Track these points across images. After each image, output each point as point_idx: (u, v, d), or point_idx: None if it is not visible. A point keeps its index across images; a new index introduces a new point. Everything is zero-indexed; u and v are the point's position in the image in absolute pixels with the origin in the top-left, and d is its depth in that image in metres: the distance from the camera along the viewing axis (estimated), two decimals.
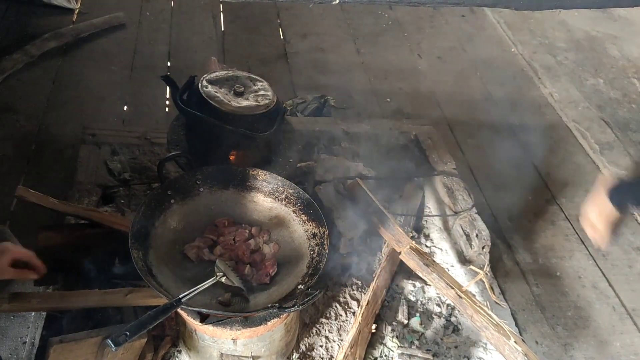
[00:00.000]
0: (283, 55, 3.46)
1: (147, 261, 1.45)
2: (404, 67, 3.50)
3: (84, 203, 2.04)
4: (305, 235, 1.62)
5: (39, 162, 2.49)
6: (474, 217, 2.23)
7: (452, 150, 2.76)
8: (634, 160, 3.05)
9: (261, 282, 1.51)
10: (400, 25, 3.95)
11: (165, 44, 3.39)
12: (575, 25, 4.25)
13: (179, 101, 1.77)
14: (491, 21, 4.18)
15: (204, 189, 1.69)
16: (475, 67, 3.65)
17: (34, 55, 3.03)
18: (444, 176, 2.40)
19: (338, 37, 3.73)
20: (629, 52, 4.00)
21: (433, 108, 3.23)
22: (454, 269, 2.13)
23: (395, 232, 2.00)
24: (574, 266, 2.44)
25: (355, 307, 1.97)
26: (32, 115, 2.73)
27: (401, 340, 1.88)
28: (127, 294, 1.60)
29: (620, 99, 3.54)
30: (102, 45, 3.30)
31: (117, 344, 1.22)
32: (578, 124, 3.27)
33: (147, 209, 1.54)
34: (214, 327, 1.48)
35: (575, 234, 2.59)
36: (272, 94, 1.84)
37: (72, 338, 1.47)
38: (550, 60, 3.81)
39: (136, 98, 2.96)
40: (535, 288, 2.32)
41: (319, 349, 1.84)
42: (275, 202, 1.71)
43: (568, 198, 2.77)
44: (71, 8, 3.49)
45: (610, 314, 2.27)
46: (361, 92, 3.20)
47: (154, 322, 1.28)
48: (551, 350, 2.10)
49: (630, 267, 2.48)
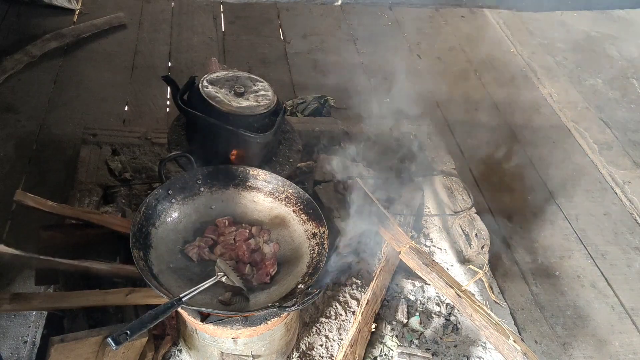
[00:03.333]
0: (283, 56, 3.47)
1: (147, 261, 1.46)
2: (403, 68, 3.50)
3: (84, 203, 2.04)
4: (305, 235, 1.63)
5: (40, 162, 2.50)
6: (473, 216, 2.23)
7: (452, 150, 2.77)
8: (633, 160, 3.06)
9: (261, 282, 1.52)
10: (400, 26, 3.96)
11: (166, 44, 3.40)
12: (575, 26, 4.26)
13: (180, 101, 1.78)
14: (491, 22, 4.19)
15: (204, 189, 1.70)
16: (474, 67, 3.66)
17: (35, 56, 3.04)
18: (444, 176, 2.41)
19: (338, 37, 3.74)
20: (628, 53, 4.01)
21: (433, 108, 3.24)
22: (453, 268, 2.14)
23: (394, 231, 2.00)
24: (573, 266, 2.45)
25: (355, 307, 1.97)
26: (33, 115, 2.73)
27: (401, 339, 1.89)
28: (127, 294, 1.61)
29: (619, 99, 3.55)
30: (103, 45, 3.31)
31: (118, 343, 1.23)
32: (577, 124, 3.28)
33: (147, 209, 1.55)
34: (215, 327, 1.48)
35: (574, 234, 2.59)
36: (272, 94, 1.84)
37: (73, 337, 1.47)
38: (549, 61, 3.82)
39: (137, 98, 2.97)
40: (534, 287, 2.33)
41: (319, 348, 1.84)
42: (276, 202, 1.71)
43: (567, 198, 2.78)
44: (72, 8, 3.50)
45: (609, 313, 2.28)
46: (361, 92, 3.20)
47: (155, 321, 1.29)
48: (550, 350, 2.10)
49: (629, 266, 2.49)
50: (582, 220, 2.67)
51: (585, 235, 2.60)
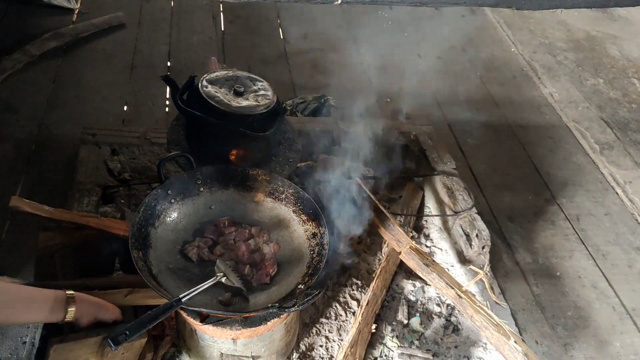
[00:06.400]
0: (283, 55, 3.46)
1: (147, 261, 1.45)
2: (404, 67, 3.50)
3: (83, 203, 2.03)
4: (305, 235, 1.62)
5: (39, 162, 2.49)
6: (474, 217, 2.22)
7: (452, 150, 2.76)
8: (634, 160, 3.05)
9: (261, 282, 1.51)
10: (400, 25, 3.95)
11: (165, 44, 3.39)
12: (575, 25, 4.25)
13: (179, 101, 1.77)
14: (491, 21, 4.19)
15: (204, 189, 1.69)
16: (475, 67, 3.65)
17: (34, 55, 3.04)
18: (444, 176, 2.40)
19: (338, 37, 3.73)
20: (629, 52, 4.01)
21: (433, 108, 3.23)
22: (453, 268, 2.13)
23: (395, 232, 2.00)
24: (574, 266, 2.44)
25: (355, 307, 1.97)
26: (32, 115, 2.73)
27: (401, 340, 1.88)
28: (126, 294, 1.60)
29: (620, 98, 3.54)
30: (102, 45, 3.30)
31: (117, 344, 1.23)
32: (578, 123, 3.27)
33: (147, 209, 1.54)
34: (214, 327, 1.48)
35: (575, 234, 2.59)
36: (272, 94, 1.84)
37: (72, 338, 1.46)
38: (550, 60, 3.81)
39: (136, 98, 2.96)
40: (535, 288, 2.32)
41: (319, 349, 1.84)
42: (275, 202, 1.71)
43: (568, 198, 2.77)
44: (71, 8, 3.49)
45: (610, 313, 2.27)
46: (361, 92, 3.20)
47: (154, 321, 1.28)
48: (551, 350, 2.10)
49: (630, 266, 2.48)
50: (583, 221, 2.67)
51: (586, 235, 2.59)
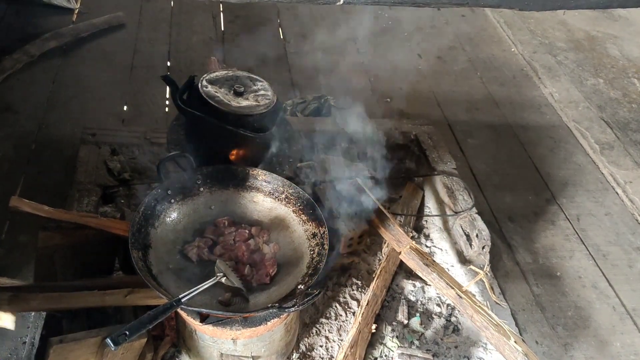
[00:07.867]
0: (283, 55, 3.46)
1: (147, 261, 1.45)
2: (404, 67, 3.49)
3: (83, 203, 2.03)
4: (305, 235, 1.62)
5: (38, 161, 2.49)
6: (474, 217, 2.22)
7: (452, 150, 2.76)
8: (634, 160, 3.05)
9: (261, 282, 1.51)
10: (400, 25, 3.95)
11: (165, 44, 3.39)
12: (576, 25, 4.25)
13: (179, 101, 1.77)
14: (491, 21, 4.18)
15: (203, 189, 1.69)
16: (475, 67, 3.65)
17: (33, 55, 3.03)
18: (444, 176, 2.40)
19: (338, 37, 3.72)
20: (629, 52, 4.00)
21: (433, 108, 3.23)
22: (454, 269, 2.13)
23: (395, 232, 2.00)
24: (574, 266, 2.44)
25: (355, 307, 1.97)
26: (32, 115, 2.72)
27: (401, 340, 1.88)
28: (126, 295, 1.60)
29: (621, 98, 3.54)
30: (102, 45, 3.30)
31: (117, 344, 1.22)
32: (578, 123, 3.27)
33: (146, 209, 1.54)
34: (214, 327, 1.48)
35: (575, 234, 2.59)
36: (272, 94, 1.83)
37: (72, 338, 1.46)
38: (550, 60, 3.81)
39: (136, 98, 2.96)
40: (535, 288, 2.32)
41: (319, 349, 1.84)
42: (275, 202, 1.71)
43: (568, 198, 2.77)
44: (71, 8, 3.49)
45: (610, 314, 2.27)
46: (361, 92, 3.19)
47: (154, 322, 1.28)
48: (551, 350, 2.09)
49: (631, 267, 2.48)
50: (584, 221, 2.66)
51: (586, 235, 2.59)
